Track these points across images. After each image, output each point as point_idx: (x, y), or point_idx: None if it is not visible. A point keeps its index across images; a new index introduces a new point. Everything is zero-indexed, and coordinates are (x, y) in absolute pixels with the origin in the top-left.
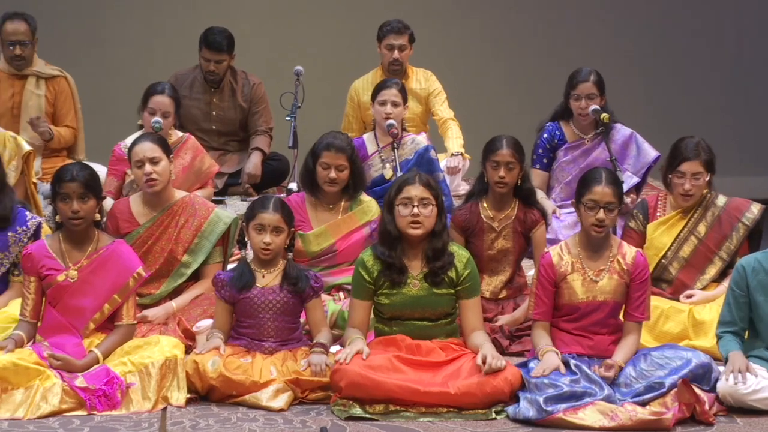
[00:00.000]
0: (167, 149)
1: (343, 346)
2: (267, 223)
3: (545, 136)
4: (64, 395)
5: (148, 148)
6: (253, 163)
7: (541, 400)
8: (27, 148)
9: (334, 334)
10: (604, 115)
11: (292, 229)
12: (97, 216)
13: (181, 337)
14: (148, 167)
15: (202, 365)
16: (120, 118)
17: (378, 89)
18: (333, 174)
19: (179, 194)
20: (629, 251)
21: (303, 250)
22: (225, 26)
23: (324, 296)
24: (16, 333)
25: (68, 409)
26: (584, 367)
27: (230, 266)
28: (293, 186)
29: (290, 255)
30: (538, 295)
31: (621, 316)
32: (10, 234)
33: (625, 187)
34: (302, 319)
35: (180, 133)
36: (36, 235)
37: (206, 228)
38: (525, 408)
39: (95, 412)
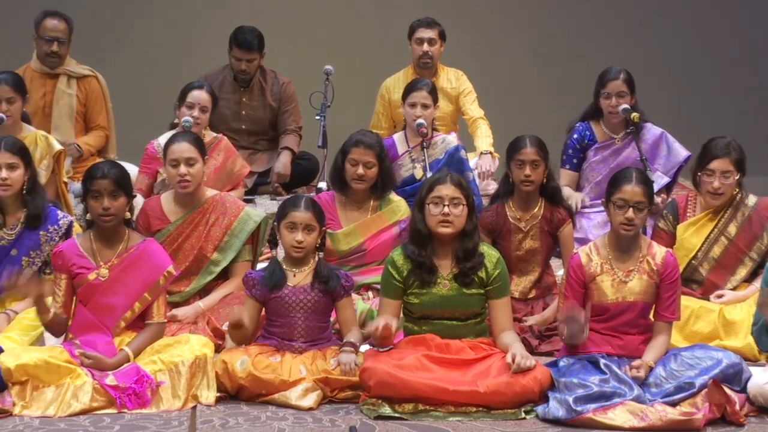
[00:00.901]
0: (203, 151)
1: (372, 345)
2: (299, 222)
3: (575, 136)
4: (94, 393)
5: (186, 149)
6: (282, 163)
7: (570, 399)
8: (58, 147)
9: (364, 333)
10: (635, 115)
11: (324, 228)
12: (128, 214)
13: (211, 336)
14: (182, 168)
15: (231, 365)
16: (150, 117)
17: (408, 90)
18: (361, 170)
19: (210, 193)
20: (659, 251)
21: (332, 249)
22: (254, 25)
23: (353, 295)
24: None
25: (99, 407)
26: (614, 367)
27: (260, 265)
28: (323, 185)
29: (321, 254)
30: (567, 296)
31: (651, 316)
32: (41, 233)
33: (656, 187)
34: (331, 318)
35: (213, 134)
36: (67, 233)
37: (236, 226)
38: (554, 408)
39: (125, 411)
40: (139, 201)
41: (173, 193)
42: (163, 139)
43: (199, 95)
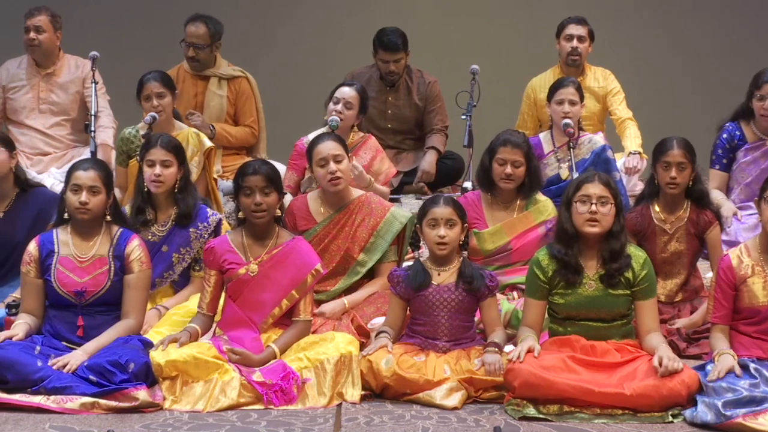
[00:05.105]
0: (347, 149)
1: (516, 345)
2: (439, 217)
3: (724, 136)
4: (242, 389)
5: (332, 147)
6: (428, 162)
7: (719, 404)
8: (209, 144)
9: (508, 333)
10: None
11: (466, 225)
12: (278, 212)
13: (354, 333)
14: (332, 166)
15: (376, 364)
16: (299, 116)
17: (554, 88)
18: (509, 170)
19: (356, 193)
20: None
21: (478, 248)
22: (401, 25)
23: (498, 295)
24: (191, 326)
25: (246, 402)
26: (764, 371)
27: (405, 264)
28: (468, 185)
29: (465, 254)
30: (717, 299)
31: None
32: (191, 230)
33: None
34: (476, 318)
35: (361, 133)
36: (216, 231)
37: (382, 227)
38: (703, 412)
39: (272, 407)
40: (287, 199)
41: (320, 192)
42: (312, 137)
43: (346, 91)
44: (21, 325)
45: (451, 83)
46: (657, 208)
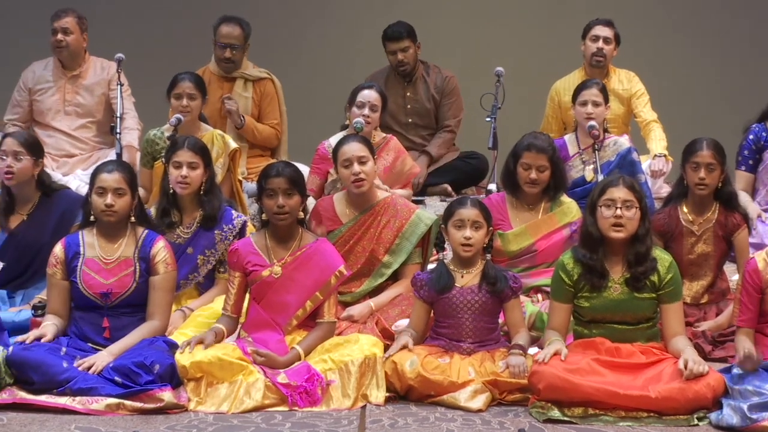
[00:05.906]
0: (372, 150)
1: (541, 347)
2: (466, 218)
3: (750, 137)
4: (266, 391)
5: (357, 148)
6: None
7: (745, 407)
8: (233, 145)
9: (533, 335)
10: None
11: (491, 228)
12: (301, 214)
13: (379, 335)
14: (356, 167)
15: (401, 366)
16: (322, 118)
17: (579, 90)
18: (534, 175)
19: (381, 195)
20: None
21: (502, 249)
22: (425, 27)
23: (522, 298)
24: (217, 326)
25: (270, 404)
26: None
27: (430, 266)
28: (492, 187)
29: (489, 256)
30: (743, 302)
31: None
32: (216, 232)
33: None
34: (500, 320)
35: (383, 134)
36: (241, 233)
37: (407, 229)
38: (728, 415)
39: (296, 408)
40: (310, 202)
41: (346, 194)
42: (333, 140)
43: (369, 94)
44: (49, 326)
45: (476, 85)
46: (685, 209)
